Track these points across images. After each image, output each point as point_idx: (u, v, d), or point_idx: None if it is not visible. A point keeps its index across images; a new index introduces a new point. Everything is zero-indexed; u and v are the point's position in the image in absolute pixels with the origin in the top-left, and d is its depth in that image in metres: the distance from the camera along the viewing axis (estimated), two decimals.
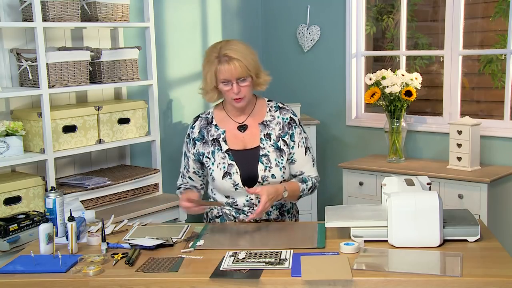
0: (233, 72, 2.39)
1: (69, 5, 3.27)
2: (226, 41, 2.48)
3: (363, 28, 4.42)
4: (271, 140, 2.53)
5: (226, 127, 2.56)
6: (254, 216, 2.39)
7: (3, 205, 3.03)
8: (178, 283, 1.98)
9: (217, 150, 2.54)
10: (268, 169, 2.49)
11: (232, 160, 2.52)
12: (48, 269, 2.08)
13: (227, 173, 2.51)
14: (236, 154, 2.53)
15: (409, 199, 2.16)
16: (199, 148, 2.58)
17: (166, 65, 4.24)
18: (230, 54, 2.39)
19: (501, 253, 2.09)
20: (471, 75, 4.43)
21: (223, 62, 2.39)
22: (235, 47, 2.42)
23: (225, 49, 2.40)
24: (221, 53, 2.40)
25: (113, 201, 3.47)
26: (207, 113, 2.63)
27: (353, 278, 1.91)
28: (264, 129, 2.54)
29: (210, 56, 2.43)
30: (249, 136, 2.54)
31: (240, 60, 2.39)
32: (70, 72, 3.32)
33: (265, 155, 2.51)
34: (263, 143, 2.52)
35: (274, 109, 2.58)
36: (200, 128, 2.59)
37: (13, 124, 3.13)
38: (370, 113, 4.43)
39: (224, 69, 2.39)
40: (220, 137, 2.55)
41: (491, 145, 3.82)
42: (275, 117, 2.56)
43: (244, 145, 2.54)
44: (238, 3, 4.70)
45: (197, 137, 2.59)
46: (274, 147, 2.52)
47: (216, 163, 2.53)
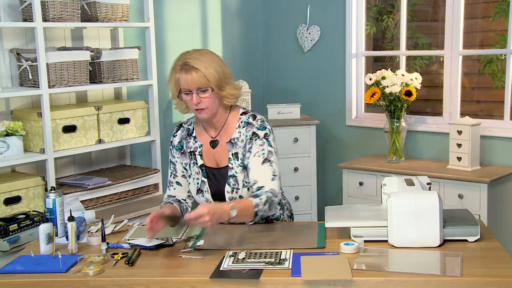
0: (190, 81, 2.33)
1: (69, 5, 3.27)
2: (194, 50, 2.41)
3: (363, 28, 4.42)
4: (238, 159, 2.44)
5: (203, 141, 2.51)
6: (186, 218, 2.14)
7: (3, 205, 3.03)
8: (178, 283, 1.98)
9: (192, 164, 2.51)
10: (235, 191, 2.45)
11: (205, 177, 2.49)
12: (48, 269, 2.08)
13: (200, 190, 2.50)
14: (209, 172, 2.49)
15: (409, 199, 2.16)
16: (177, 157, 2.55)
17: (166, 65, 4.23)
18: (191, 63, 2.32)
19: (501, 253, 2.09)
20: (471, 75, 4.43)
21: (183, 70, 2.34)
22: (199, 56, 2.35)
23: (189, 57, 2.34)
24: (184, 62, 2.34)
25: (113, 201, 3.47)
26: (190, 124, 2.57)
27: (353, 278, 1.91)
28: (231, 148, 2.45)
29: (176, 64, 2.38)
30: (219, 153, 2.48)
31: (200, 70, 2.32)
32: (70, 72, 3.32)
33: (233, 175, 2.45)
34: (231, 162, 2.45)
35: (242, 125, 2.46)
36: (181, 138, 2.56)
37: (13, 124, 3.13)
38: (370, 113, 4.43)
39: (183, 78, 2.33)
40: (197, 151, 2.51)
41: (491, 145, 3.82)
42: (241, 133, 2.45)
43: (216, 163, 2.49)
44: (238, 3, 4.70)
45: (177, 147, 2.56)
46: (241, 167, 2.44)
47: (192, 176, 2.52)
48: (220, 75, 2.37)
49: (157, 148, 3.79)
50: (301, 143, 4.22)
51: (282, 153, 4.12)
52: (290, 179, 4.19)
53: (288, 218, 2.67)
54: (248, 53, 4.81)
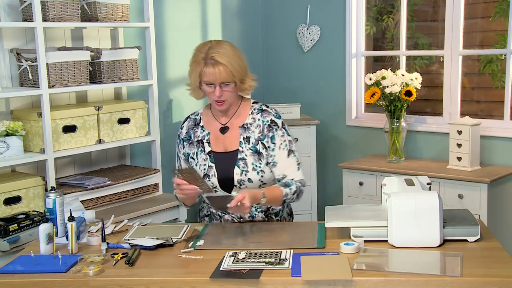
0: (217, 76, 2.37)
1: (69, 5, 3.27)
2: (216, 42, 2.44)
3: (363, 28, 4.42)
4: (250, 143, 2.49)
5: (211, 129, 2.57)
6: (232, 206, 2.22)
7: (3, 205, 3.03)
8: (178, 283, 1.98)
9: (200, 152, 2.55)
10: (245, 173, 2.48)
11: (212, 162, 2.52)
12: (48, 269, 2.08)
13: (206, 175, 2.52)
14: (217, 157, 2.53)
15: (409, 199, 2.16)
16: (186, 148, 2.60)
17: (166, 65, 4.24)
18: (216, 57, 2.36)
19: (501, 253, 2.09)
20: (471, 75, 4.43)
21: (209, 64, 2.37)
22: (223, 50, 2.39)
23: (213, 51, 2.37)
24: (208, 55, 2.37)
25: (113, 201, 3.47)
26: (196, 114, 2.64)
27: (353, 278, 1.91)
28: (244, 132, 2.51)
29: (197, 56, 2.41)
30: (230, 138, 2.53)
31: (226, 65, 2.36)
32: (70, 72, 3.32)
33: (243, 158, 2.49)
34: (242, 146, 2.49)
35: (256, 112, 2.54)
36: (188, 129, 2.61)
37: (13, 124, 3.13)
38: (370, 113, 4.43)
39: (208, 72, 2.37)
40: (205, 139, 2.56)
41: (491, 145, 3.82)
42: (255, 119, 2.52)
43: (225, 148, 2.53)
44: (238, 3, 4.70)
45: (185, 138, 2.61)
46: (252, 151, 2.48)
47: (198, 164, 2.54)
48: (242, 69, 2.44)
49: (157, 148, 3.79)
50: (301, 143, 4.22)
51: None
52: None
53: (287, 216, 2.68)
54: (248, 53, 4.75)
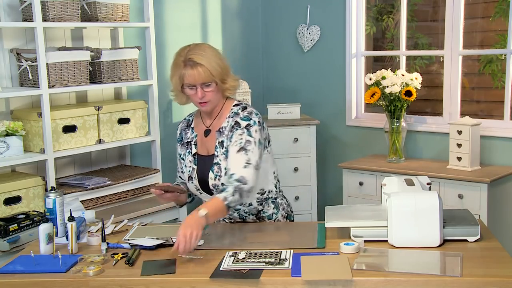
0: (196, 77, 2.38)
1: (69, 5, 3.27)
2: (194, 45, 2.45)
3: (363, 28, 4.42)
4: (223, 147, 2.48)
5: (198, 131, 2.59)
6: (175, 249, 2.11)
7: (3, 205, 3.03)
8: (178, 283, 1.98)
9: (187, 153, 2.58)
10: (218, 178, 2.47)
11: (195, 165, 2.55)
12: (48, 269, 2.08)
13: (190, 177, 2.56)
14: (200, 159, 2.55)
15: (409, 199, 2.16)
16: (178, 149, 2.64)
17: (166, 65, 4.22)
18: (195, 59, 2.37)
19: (501, 253, 2.09)
20: (471, 75, 4.43)
21: (188, 66, 2.38)
22: (201, 51, 2.40)
23: (191, 53, 2.38)
24: (187, 57, 2.38)
25: (113, 201, 3.47)
26: (191, 115, 2.67)
27: (353, 278, 1.91)
28: (219, 136, 2.50)
29: (177, 60, 2.43)
30: (210, 141, 2.54)
31: (204, 66, 2.37)
32: (70, 72, 3.32)
33: (217, 163, 2.48)
34: (217, 150, 2.49)
35: (231, 115, 2.50)
36: (181, 130, 2.65)
37: (13, 124, 3.13)
38: (370, 113, 4.43)
39: (188, 74, 2.38)
40: (193, 141, 2.59)
41: (491, 145, 3.82)
42: (229, 123, 2.49)
43: (208, 151, 2.54)
44: (238, 3, 4.70)
45: (178, 139, 2.65)
46: (225, 155, 2.47)
47: (186, 165, 2.58)
48: (222, 69, 2.44)
49: (157, 148, 3.79)
50: (301, 143, 4.22)
51: (282, 153, 4.13)
52: (290, 179, 4.19)
53: (282, 218, 2.63)
54: (248, 53, 4.81)
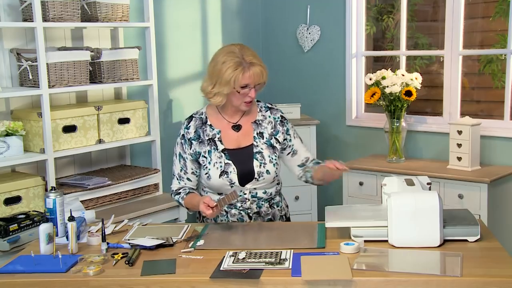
0: (255, 78, 2.48)
1: (69, 5, 3.27)
2: (243, 46, 2.54)
3: (363, 28, 4.42)
4: (264, 138, 2.61)
5: (221, 127, 2.62)
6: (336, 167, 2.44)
7: (3, 205, 3.03)
8: (178, 283, 1.98)
9: (213, 150, 2.58)
10: (263, 165, 2.56)
11: (229, 160, 2.57)
12: (48, 269, 2.08)
13: (224, 172, 2.55)
14: (232, 153, 2.58)
15: (409, 199, 2.16)
16: (195, 147, 2.61)
17: (166, 65, 4.24)
18: (254, 60, 2.48)
19: (501, 253, 2.09)
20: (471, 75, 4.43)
21: (248, 68, 2.47)
22: (254, 53, 2.52)
23: (248, 54, 2.49)
24: (245, 59, 2.47)
25: (113, 201, 3.47)
26: (200, 113, 2.68)
27: (353, 278, 1.91)
28: (257, 127, 2.63)
29: (230, 62, 2.47)
30: (243, 135, 2.61)
31: (262, 67, 2.50)
32: (70, 72, 3.32)
33: (259, 152, 2.59)
34: (256, 141, 2.60)
35: (264, 109, 2.68)
36: (196, 128, 2.64)
37: (13, 124, 3.13)
38: (370, 113, 4.43)
39: (249, 75, 2.47)
40: (216, 137, 2.60)
41: (491, 145, 3.82)
42: (266, 116, 2.66)
43: (238, 144, 2.60)
44: (238, 3, 4.70)
45: (193, 137, 2.63)
46: (267, 145, 2.61)
47: (212, 162, 2.57)
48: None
49: (157, 148, 3.79)
50: None
51: None
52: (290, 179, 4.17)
53: (285, 207, 2.75)
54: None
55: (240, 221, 2.59)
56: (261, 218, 2.62)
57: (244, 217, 2.60)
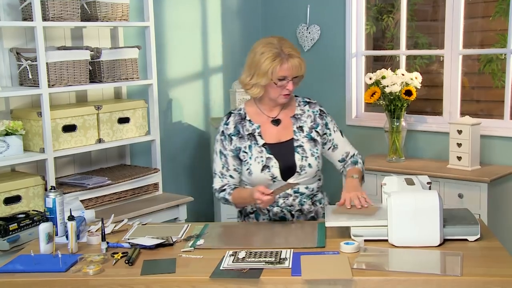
0: (293, 70, 2.49)
1: (69, 4, 3.27)
2: (281, 38, 2.56)
3: (363, 28, 4.42)
4: (304, 132, 2.61)
5: (260, 122, 2.61)
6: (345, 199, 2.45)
7: (3, 205, 3.03)
8: (178, 283, 1.98)
9: (253, 145, 2.57)
10: (304, 159, 2.56)
11: (270, 154, 2.56)
12: (48, 269, 2.08)
13: (266, 166, 2.54)
14: (273, 148, 2.57)
15: (409, 198, 2.16)
16: (236, 143, 2.59)
17: (166, 64, 4.23)
18: (293, 52, 2.49)
19: (501, 253, 2.09)
20: (471, 74, 4.43)
21: (287, 59, 2.47)
22: (292, 45, 2.53)
23: (286, 46, 2.49)
24: (284, 51, 2.47)
25: (113, 201, 3.47)
26: (239, 110, 2.67)
27: (353, 278, 1.91)
28: (296, 122, 2.63)
29: (269, 53, 2.48)
30: (283, 129, 2.61)
31: (301, 59, 2.51)
32: (70, 72, 3.31)
33: (300, 146, 2.58)
34: (296, 135, 2.60)
35: (302, 104, 2.68)
36: (235, 124, 2.62)
37: (13, 124, 3.13)
38: (370, 113, 4.43)
39: (287, 67, 2.47)
40: (255, 132, 2.59)
41: (491, 144, 3.81)
42: (304, 110, 2.66)
43: (278, 138, 2.59)
44: (238, 2, 4.70)
45: (233, 133, 2.61)
46: (307, 138, 2.60)
47: (253, 157, 2.56)
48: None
49: (157, 147, 3.79)
50: None
51: None
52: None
53: (328, 204, 2.74)
54: (248, 52, 4.79)
55: (282, 220, 2.58)
56: (304, 216, 2.60)
57: (287, 215, 2.58)
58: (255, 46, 2.57)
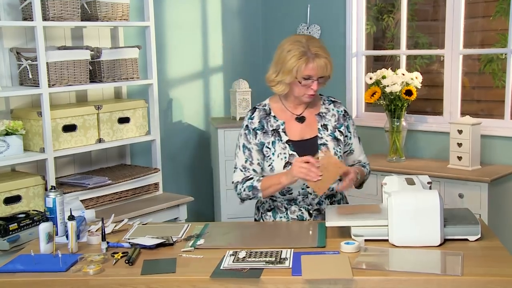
0: (319, 70, 2.45)
1: (69, 4, 3.27)
2: (310, 36, 2.53)
3: (364, 28, 4.42)
4: (328, 130, 2.60)
5: (285, 118, 2.60)
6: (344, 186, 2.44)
7: (3, 204, 3.03)
8: (179, 282, 1.98)
9: (277, 141, 2.56)
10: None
11: (293, 151, 2.54)
12: (48, 268, 2.08)
13: (289, 163, 2.52)
14: (296, 145, 2.56)
15: (410, 198, 2.16)
16: (260, 138, 2.58)
17: (166, 64, 4.23)
18: (320, 52, 2.45)
19: (501, 252, 2.09)
20: (471, 74, 4.43)
21: (313, 59, 2.44)
22: (321, 45, 2.48)
23: (314, 45, 2.46)
24: (310, 50, 2.44)
25: (113, 201, 3.47)
26: (264, 105, 2.65)
27: (353, 277, 1.91)
28: (320, 120, 2.61)
29: (295, 51, 2.45)
30: (307, 127, 2.59)
31: (327, 60, 2.47)
32: (70, 71, 3.31)
33: (324, 144, 2.57)
34: (320, 133, 2.59)
35: (327, 102, 2.67)
36: (260, 119, 2.60)
37: (13, 123, 3.13)
38: (370, 113, 4.43)
39: (312, 66, 2.44)
40: (280, 128, 2.58)
41: (491, 144, 3.81)
42: (329, 109, 2.65)
43: (302, 136, 2.58)
44: (238, 2, 4.70)
45: (258, 127, 2.59)
46: (331, 137, 2.59)
47: (276, 153, 2.55)
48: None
49: (157, 147, 3.79)
50: None
51: None
52: None
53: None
54: (248, 52, 4.81)
55: (300, 219, 2.57)
56: (322, 215, 2.58)
57: (304, 214, 2.56)
58: (283, 43, 2.54)
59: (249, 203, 2.70)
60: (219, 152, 4.12)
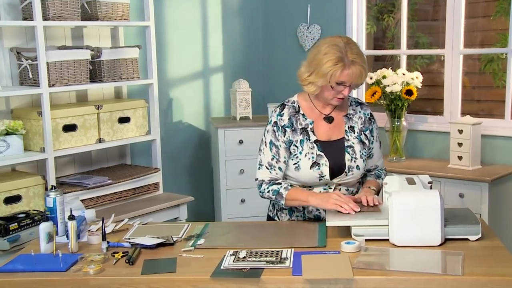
0: (353, 77, 2.40)
1: (69, 4, 3.27)
2: (349, 40, 2.45)
3: (364, 27, 4.41)
4: (355, 132, 2.58)
5: (314, 118, 2.57)
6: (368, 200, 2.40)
7: (3, 204, 3.03)
8: (179, 282, 1.98)
9: (305, 140, 2.53)
10: (354, 160, 2.53)
11: (321, 151, 2.51)
12: (48, 268, 2.08)
13: (316, 164, 2.50)
14: (323, 145, 2.53)
15: (410, 198, 2.15)
16: (289, 135, 2.54)
17: (167, 64, 4.23)
18: (357, 60, 2.39)
19: (502, 252, 2.09)
20: (472, 74, 4.43)
21: (349, 66, 2.38)
22: (359, 51, 2.42)
23: (352, 52, 2.39)
24: (348, 56, 2.38)
25: (113, 200, 3.47)
26: (292, 102, 2.60)
27: (354, 277, 1.91)
28: (348, 121, 2.59)
29: (332, 55, 2.39)
30: (335, 127, 2.56)
31: (363, 68, 2.41)
32: (70, 71, 3.31)
33: (350, 146, 2.55)
34: (347, 135, 2.56)
35: (354, 104, 2.63)
36: (289, 116, 2.56)
37: (13, 123, 3.13)
38: None
39: (348, 73, 2.38)
40: (308, 127, 2.54)
41: (492, 144, 3.81)
42: (356, 111, 2.62)
43: (329, 136, 2.55)
44: (239, 2, 4.70)
45: (287, 124, 2.55)
46: (358, 140, 2.57)
47: (304, 152, 2.51)
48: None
49: (157, 147, 3.79)
50: None
51: None
52: None
53: None
54: (248, 52, 4.81)
55: (316, 218, 2.55)
56: None
57: (322, 214, 2.54)
58: (320, 43, 2.48)
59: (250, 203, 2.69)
60: (219, 152, 4.12)
